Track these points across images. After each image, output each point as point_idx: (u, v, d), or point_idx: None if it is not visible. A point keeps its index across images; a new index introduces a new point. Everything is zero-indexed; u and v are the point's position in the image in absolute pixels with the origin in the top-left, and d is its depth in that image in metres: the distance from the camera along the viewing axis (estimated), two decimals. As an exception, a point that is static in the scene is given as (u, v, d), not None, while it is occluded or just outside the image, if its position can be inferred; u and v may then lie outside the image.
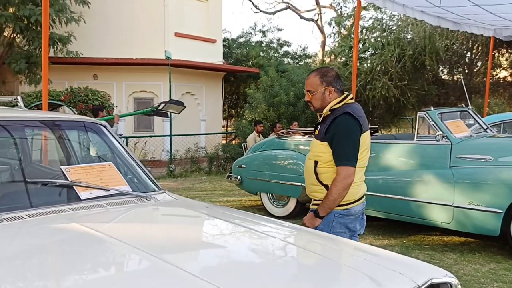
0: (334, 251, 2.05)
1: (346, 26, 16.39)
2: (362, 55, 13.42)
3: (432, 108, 5.55)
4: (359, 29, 11.82)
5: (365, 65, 12.91)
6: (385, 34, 12.80)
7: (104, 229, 1.96)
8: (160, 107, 7.65)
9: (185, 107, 7.97)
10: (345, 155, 2.64)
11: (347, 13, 18.22)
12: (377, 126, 8.67)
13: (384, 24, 13.12)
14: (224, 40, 18.52)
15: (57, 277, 1.56)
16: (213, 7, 15.60)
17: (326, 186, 2.71)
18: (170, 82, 12.03)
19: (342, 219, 2.74)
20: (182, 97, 14.23)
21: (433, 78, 13.30)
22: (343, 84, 2.84)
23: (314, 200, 2.81)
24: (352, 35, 13.76)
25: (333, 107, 2.72)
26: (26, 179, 2.37)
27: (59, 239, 1.90)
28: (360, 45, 12.93)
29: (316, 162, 2.74)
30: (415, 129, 5.68)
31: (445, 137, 5.17)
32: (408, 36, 12.49)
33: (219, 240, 2.15)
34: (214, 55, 15.44)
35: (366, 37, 13.48)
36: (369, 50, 13.48)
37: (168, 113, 8.51)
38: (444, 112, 5.54)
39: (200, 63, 14.23)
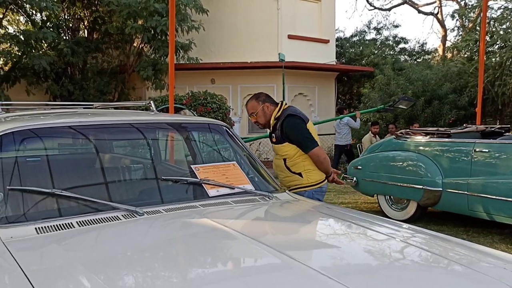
0: (470, 257, 1.91)
1: (471, 18, 15.24)
2: (490, 49, 12.39)
3: None
4: (487, 20, 10.92)
5: (493, 59, 11.90)
6: (516, 24, 11.68)
7: (232, 225, 2.06)
8: (394, 104, 9.45)
9: (414, 103, 9.90)
10: (307, 141, 3.39)
11: (471, 4, 16.94)
12: (508, 126, 7.94)
13: (516, 14, 11.97)
14: (337, 40, 18.31)
15: (193, 267, 1.67)
16: (325, 7, 15.50)
17: (299, 174, 3.41)
18: (283, 84, 12.20)
19: (317, 195, 3.46)
20: (294, 98, 14.37)
21: None
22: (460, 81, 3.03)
23: (292, 188, 3.35)
24: (478, 28, 12.78)
25: (276, 116, 3.46)
26: (162, 177, 2.57)
27: (193, 233, 2.04)
28: (488, 38, 11.94)
29: (285, 160, 3.43)
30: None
31: None
32: (544, 26, 11.27)
33: (340, 239, 2.15)
34: (327, 55, 15.33)
35: (494, 29, 12.42)
36: (497, 42, 12.39)
37: (398, 108, 10.09)
38: None
39: (313, 64, 14.23)
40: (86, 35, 13.45)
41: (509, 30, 11.82)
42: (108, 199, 2.20)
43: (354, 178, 6.82)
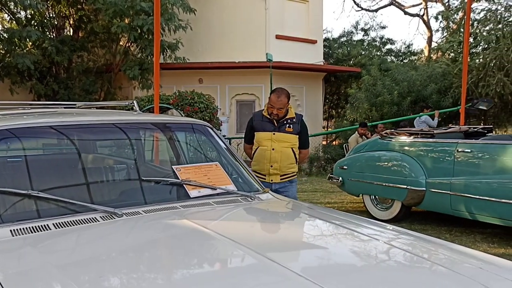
0: (444, 256, 1.93)
1: (455, 20, 15.41)
2: (474, 50, 12.54)
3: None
4: (470, 22, 11.04)
5: (477, 60, 12.05)
6: (500, 26, 11.82)
7: (212, 226, 2.05)
8: (473, 105, 9.96)
9: (493, 104, 10.38)
10: (308, 141, 4.32)
11: (456, 6, 17.11)
12: (491, 126, 8.04)
13: (499, 16, 12.12)
14: (324, 40, 18.37)
15: (170, 270, 1.66)
16: (313, 7, 15.54)
17: (296, 162, 4.16)
18: (271, 84, 12.21)
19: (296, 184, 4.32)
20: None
21: (557, 73, 12.01)
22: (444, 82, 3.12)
23: (286, 175, 4.11)
24: (462, 29, 12.91)
25: (295, 112, 4.23)
26: (142, 178, 2.55)
27: (172, 235, 2.03)
28: (471, 39, 12.08)
29: (292, 148, 4.10)
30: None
31: None
32: (528, 27, 11.42)
33: (321, 240, 2.14)
34: (315, 56, 15.37)
35: (478, 31, 12.56)
36: (481, 44, 12.55)
37: (479, 108, 10.68)
38: None
39: (300, 64, 14.26)
40: (71, 34, 13.30)
41: (492, 32, 11.97)
42: (88, 200, 2.18)
43: (340, 178, 6.85)
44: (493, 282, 1.61)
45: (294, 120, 4.11)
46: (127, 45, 12.54)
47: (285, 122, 4.08)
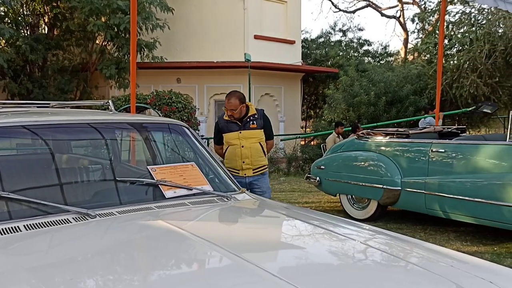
0: (419, 256, 1.96)
1: (430, 22, 15.67)
2: (448, 52, 12.77)
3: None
4: (445, 25, 11.24)
5: (451, 62, 12.28)
6: (473, 29, 12.07)
7: (187, 227, 2.04)
8: (478, 108, 10.15)
9: (498, 108, 10.67)
10: (272, 132, 4.66)
11: (431, 8, 17.40)
12: (464, 126, 8.20)
13: (473, 19, 12.37)
14: (303, 41, 18.46)
15: (143, 271, 1.65)
16: (292, 8, 15.61)
17: (265, 154, 4.49)
18: (249, 84, 12.21)
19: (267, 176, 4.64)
20: (261, 99, 14.41)
21: (528, 74, 12.32)
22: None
23: (259, 168, 4.43)
24: (437, 31, 13.14)
25: (255, 109, 4.50)
26: (117, 178, 2.52)
27: (146, 236, 2.00)
28: (446, 41, 12.31)
29: (260, 143, 4.41)
30: (507, 129, 5.30)
31: (542, 138, 4.78)
32: (500, 30, 11.69)
33: (297, 241, 2.15)
34: (293, 56, 15.44)
35: (452, 33, 12.80)
36: (455, 46, 12.80)
37: (483, 111, 10.80)
38: (541, 111, 5.12)
39: (279, 64, 14.30)
40: (46, 32, 13.07)
41: (466, 34, 12.22)
42: (60, 201, 2.14)
43: (318, 178, 6.89)
44: (463, 280, 1.64)
45: (256, 116, 4.43)
46: (103, 43, 12.38)
47: (248, 120, 4.39)
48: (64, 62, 13.11)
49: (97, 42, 12.64)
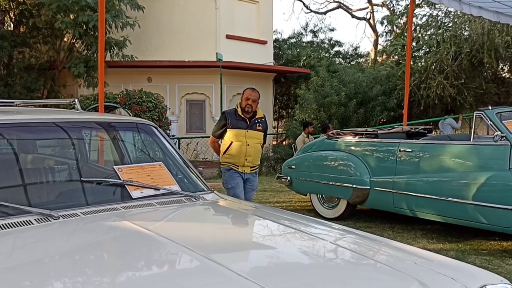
0: (385, 254, 2.00)
1: (399, 24, 15.98)
2: (416, 54, 13.04)
3: (490, 108, 5.30)
4: (413, 27, 11.48)
5: (419, 63, 12.55)
6: (440, 31, 12.37)
7: (154, 228, 2.01)
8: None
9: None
10: (266, 139, 4.91)
11: (400, 11, 17.76)
12: (431, 127, 8.39)
13: (439, 21, 12.67)
14: (274, 41, 18.53)
15: (111, 273, 1.61)
16: (263, 8, 15.65)
17: (261, 154, 4.91)
18: (221, 83, 12.19)
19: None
20: (233, 98, 14.39)
21: (492, 76, 12.71)
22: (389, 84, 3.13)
23: (254, 166, 4.78)
24: (405, 33, 13.40)
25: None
26: (82, 178, 2.47)
27: (112, 237, 1.97)
28: (414, 43, 12.57)
29: (260, 145, 4.78)
30: (472, 129, 5.44)
31: (504, 138, 4.92)
32: (465, 33, 12.01)
33: (267, 240, 2.15)
34: (265, 56, 15.48)
35: (420, 35, 13.09)
36: (423, 48, 13.09)
37: None
38: (503, 112, 5.28)
39: (251, 64, 14.31)
40: (12, 29, 12.73)
41: (433, 36, 12.50)
42: (23, 202, 2.08)
43: (288, 178, 6.92)
44: (427, 277, 1.68)
45: (262, 120, 4.77)
46: (71, 41, 12.15)
47: (256, 121, 4.70)
48: (31, 60, 12.81)
49: (65, 39, 12.39)
